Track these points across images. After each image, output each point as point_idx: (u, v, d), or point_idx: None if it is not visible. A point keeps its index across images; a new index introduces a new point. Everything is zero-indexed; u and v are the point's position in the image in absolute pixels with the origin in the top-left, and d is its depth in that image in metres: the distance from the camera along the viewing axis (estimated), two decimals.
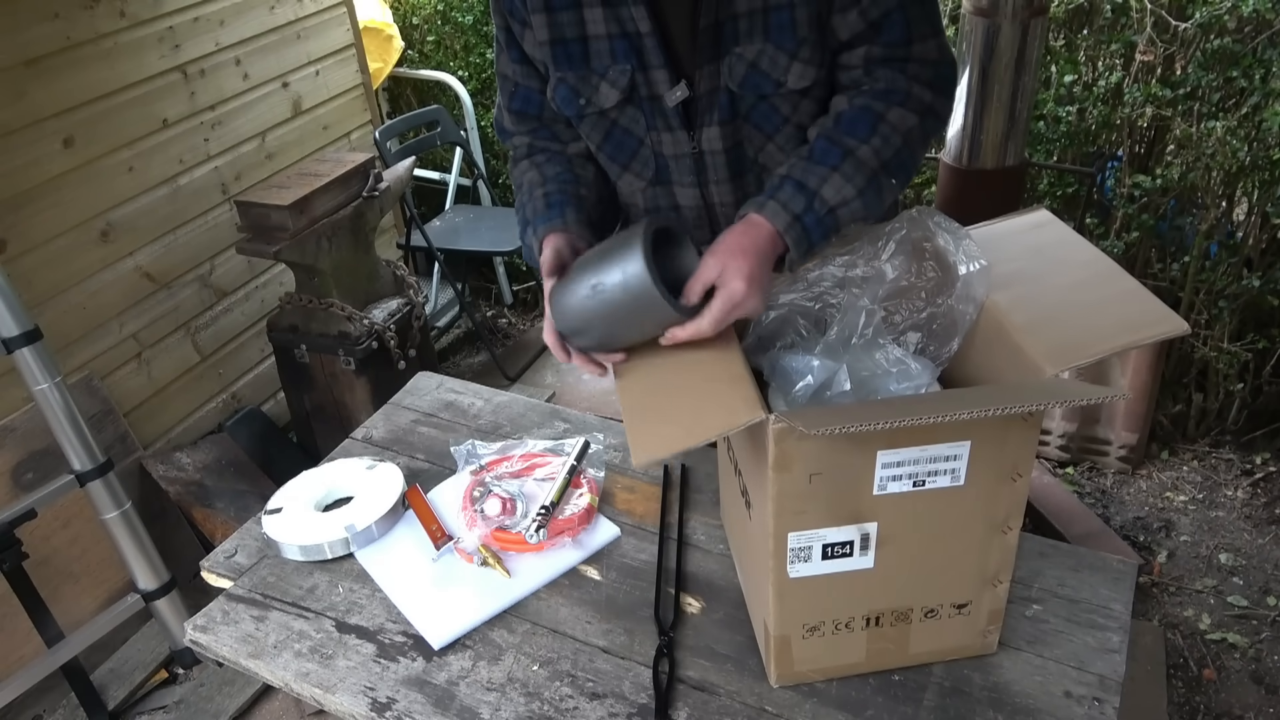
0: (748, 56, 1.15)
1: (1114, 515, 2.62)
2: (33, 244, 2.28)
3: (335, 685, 1.11)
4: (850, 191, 1.09)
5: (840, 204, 1.09)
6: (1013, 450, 0.92)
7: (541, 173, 1.28)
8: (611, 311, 1.03)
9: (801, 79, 1.16)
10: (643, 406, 1.02)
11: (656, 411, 1.00)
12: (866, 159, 1.10)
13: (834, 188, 1.09)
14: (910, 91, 1.13)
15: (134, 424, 2.56)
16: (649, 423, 0.98)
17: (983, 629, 1.05)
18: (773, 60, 1.15)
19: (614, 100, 1.21)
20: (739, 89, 1.17)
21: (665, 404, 1.01)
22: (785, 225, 1.07)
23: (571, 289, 1.06)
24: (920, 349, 1.09)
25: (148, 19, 2.51)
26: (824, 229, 1.09)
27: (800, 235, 1.08)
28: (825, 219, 1.09)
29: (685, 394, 1.01)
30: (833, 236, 1.11)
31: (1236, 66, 2.53)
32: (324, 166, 2.65)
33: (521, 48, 1.25)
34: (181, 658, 2.33)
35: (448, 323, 3.66)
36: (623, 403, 1.03)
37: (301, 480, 1.41)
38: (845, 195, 1.09)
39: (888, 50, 1.14)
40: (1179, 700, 2.13)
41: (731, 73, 1.16)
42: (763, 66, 1.15)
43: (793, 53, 1.14)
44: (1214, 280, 2.65)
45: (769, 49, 1.14)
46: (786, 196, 1.08)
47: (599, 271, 1.03)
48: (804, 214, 1.08)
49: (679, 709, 1.04)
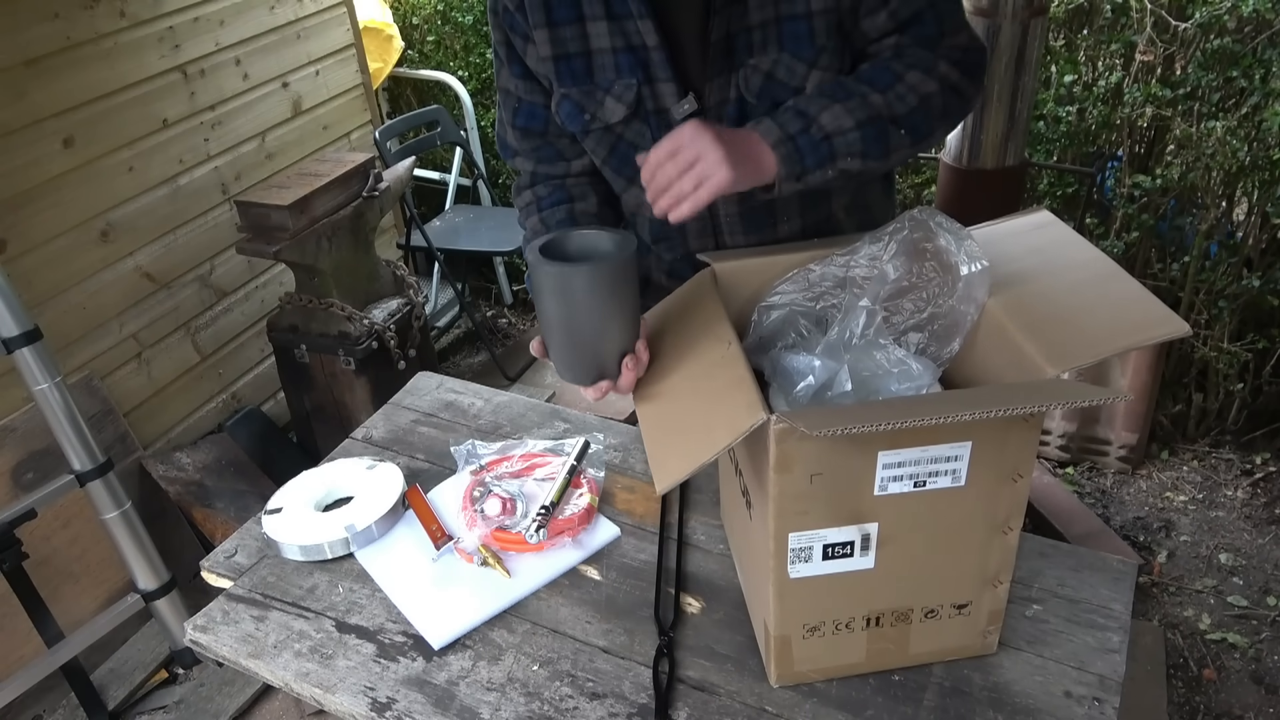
0: (763, 68, 1.14)
1: (1114, 515, 2.62)
2: (33, 244, 2.28)
3: (335, 685, 1.11)
4: (849, 122, 1.07)
5: (836, 132, 1.07)
6: (1013, 451, 0.92)
7: (544, 223, 1.28)
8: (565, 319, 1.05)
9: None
10: (660, 428, 1.02)
11: (671, 431, 1.01)
12: (876, 103, 1.09)
13: (833, 115, 1.07)
14: (936, 66, 1.13)
15: (134, 424, 2.57)
16: (666, 444, 0.99)
17: (983, 629, 1.05)
18: (790, 69, 1.14)
19: (620, 115, 1.20)
20: (756, 100, 1.16)
21: (678, 421, 1.02)
22: (776, 140, 1.05)
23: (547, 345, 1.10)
24: (921, 349, 1.09)
25: (148, 19, 2.51)
26: (818, 155, 1.07)
27: (791, 152, 1.05)
28: (820, 144, 1.06)
29: (694, 405, 1.01)
30: (829, 168, 1.08)
31: (1236, 66, 2.54)
32: (324, 166, 2.65)
33: (523, 62, 1.23)
34: (181, 658, 2.33)
35: (448, 323, 3.66)
36: (643, 428, 1.03)
37: (301, 480, 1.41)
38: (843, 125, 1.07)
39: (918, 42, 1.14)
40: (1179, 700, 2.13)
41: (748, 84, 1.15)
42: (779, 76, 1.15)
43: (811, 61, 1.14)
44: (1214, 280, 2.65)
45: (785, 58, 1.13)
46: (785, 118, 1.07)
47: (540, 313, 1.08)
48: (799, 134, 1.06)
49: (679, 709, 1.04)
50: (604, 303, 1.03)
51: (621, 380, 1.07)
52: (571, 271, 1.01)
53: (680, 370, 1.06)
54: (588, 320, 1.04)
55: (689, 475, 0.90)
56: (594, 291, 1.02)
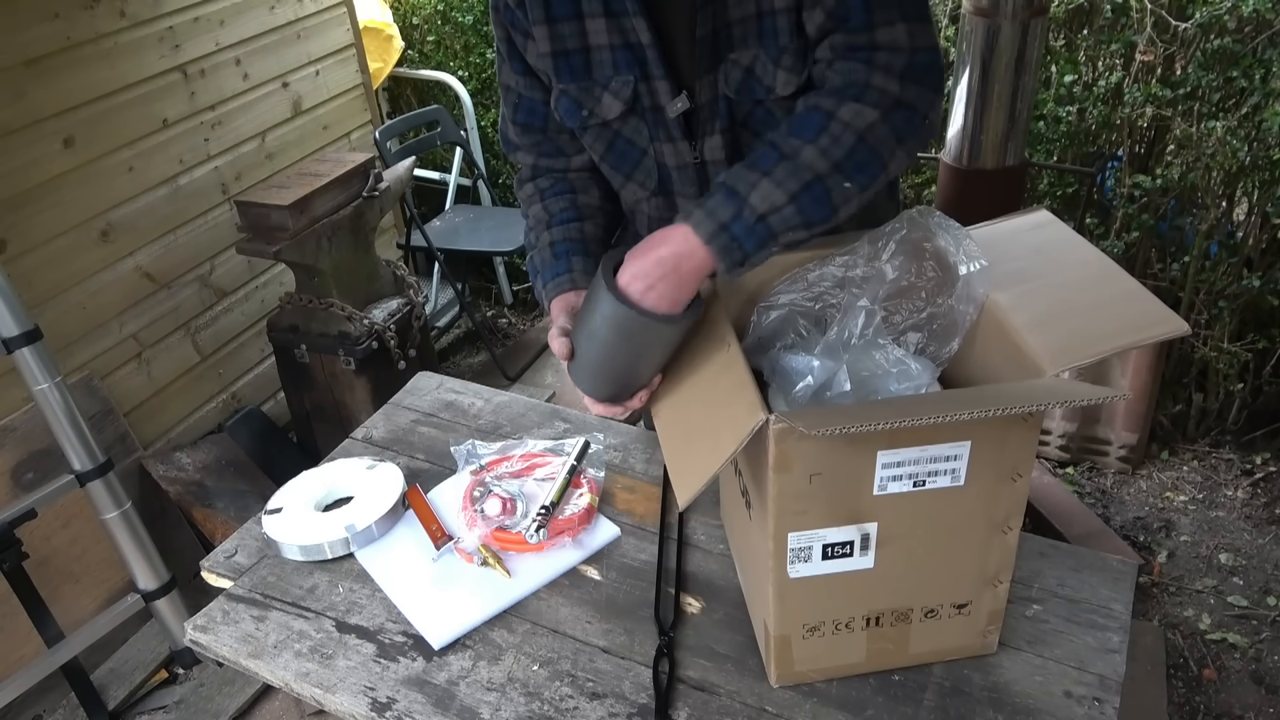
0: (743, 63, 1.15)
1: (1114, 515, 2.62)
2: (33, 244, 2.28)
3: (335, 685, 1.11)
4: (780, 198, 1.01)
5: (769, 211, 1.01)
6: (1013, 450, 0.92)
7: (546, 209, 1.29)
8: (612, 351, 1.05)
9: (787, 86, 1.15)
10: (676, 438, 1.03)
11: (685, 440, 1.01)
12: (810, 161, 1.02)
13: (761, 194, 1.01)
14: (869, 83, 1.04)
15: (134, 424, 2.57)
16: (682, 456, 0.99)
17: (983, 629, 1.05)
18: (764, 66, 1.14)
19: (617, 111, 1.21)
20: (735, 95, 1.17)
21: (688, 429, 1.02)
22: (709, 234, 1.00)
23: (578, 354, 1.09)
24: (920, 349, 1.09)
25: (148, 19, 2.51)
26: (757, 238, 1.01)
27: (727, 244, 1.01)
28: (755, 227, 1.01)
29: (700, 411, 1.02)
30: (772, 247, 1.03)
31: (1236, 66, 2.53)
32: (324, 166, 2.65)
33: (524, 58, 1.24)
34: (181, 658, 2.33)
35: (448, 323, 3.66)
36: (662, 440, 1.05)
37: (301, 480, 1.41)
38: (775, 202, 1.01)
39: (850, 38, 1.06)
40: (1179, 700, 2.13)
41: (728, 79, 1.16)
42: (756, 72, 1.15)
43: (776, 60, 1.13)
44: (1214, 280, 2.65)
45: (761, 55, 1.14)
46: (715, 203, 1.02)
47: (585, 324, 1.06)
48: (731, 222, 1.00)
49: (679, 709, 1.04)
50: (654, 353, 1.06)
51: (629, 404, 1.11)
52: (644, 320, 1.00)
53: (684, 375, 1.07)
54: (633, 361, 1.06)
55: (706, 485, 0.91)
56: (654, 345, 1.05)
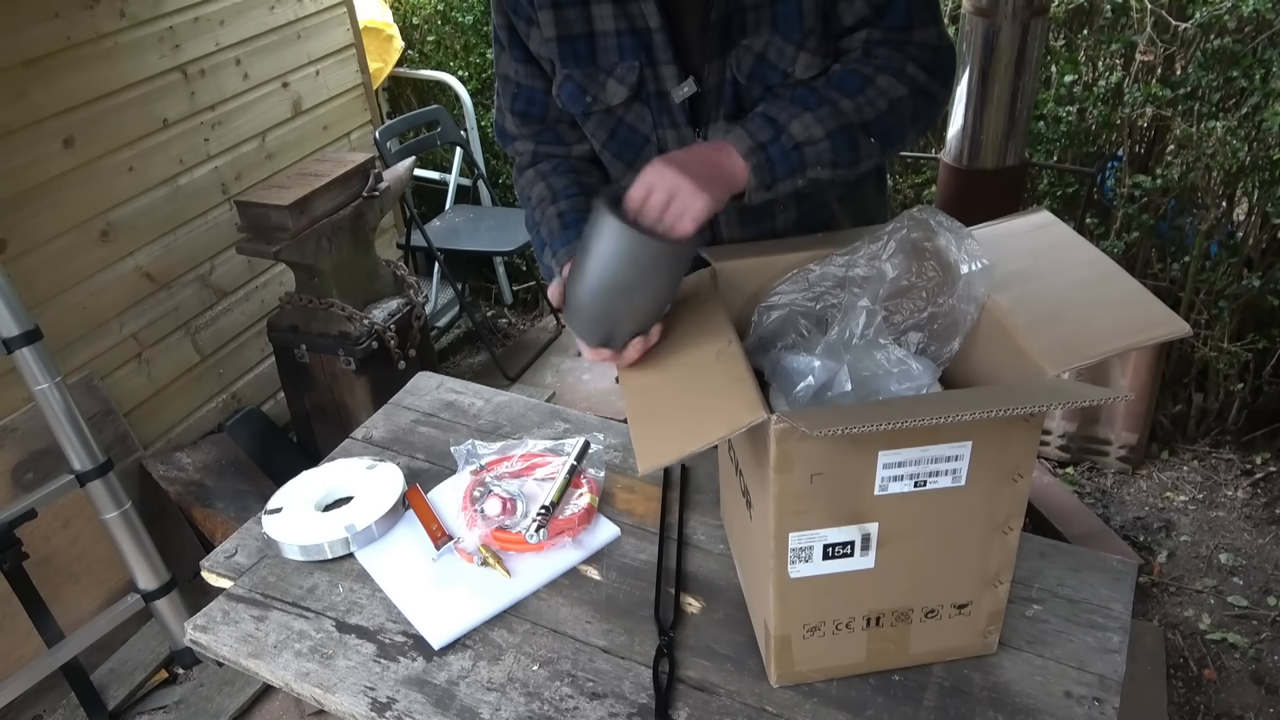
0: (755, 48, 1.15)
1: (1114, 515, 2.62)
2: (33, 244, 2.28)
3: (335, 685, 1.11)
4: (819, 131, 1.08)
5: (806, 141, 1.08)
6: (1014, 451, 0.92)
7: (550, 186, 1.28)
8: (613, 281, 1.01)
9: (809, 69, 1.16)
10: (647, 411, 1.01)
11: (660, 416, 1.00)
12: (846, 110, 1.10)
13: (803, 125, 1.08)
14: (905, 69, 1.13)
15: (134, 424, 2.57)
16: (653, 428, 0.98)
17: (983, 629, 1.05)
18: (780, 51, 1.15)
19: (622, 97, 1.21)
20: (746, 81, 1.18)
21: (668, 408, 1.01)
22: (747, 149, 1.06)
23: (572, 288, 1.05)
24: (921, 349, 1.09)
25: (148, 19, 2.51)
26: (789, 164, 1.08)
27: (762, 162, 1.06)
28: (790, 153, 1.08)
29: (688, 396, 1.00)
30: (799, 177, 1.09)
31: (1236, 66, 2.54)
32: (324, 166, 2.65)
33: (525, 46, 1.24)
34: (181, 658, 2.33)
35: (448, 323, 3.66)
36: (628, 408, 1.02)
37: (301, 480, 1.41)
38: (813, 134, 1.08)
39: (888, 34, 1.15)
40: (1179, 700, 2.13)
41: (739, 65, 1.17)
42: (770, 58, 1.16)
43: (799, 43, 1.15)
44: (1214, 280, 2.65)
45: (776, 40, 1.15)
46: (754, 127, 1.08)
47: (582, 256, 1.02)
48: (769, 144, 1.07)
49: (679, 709, 1.04)
50: (654, 279, 1.02)
51: (625, 354, 1.05)
52: (643, 240, 0.99)
53: (676, 363, 1.05)
54: (631, 288, 1.01)
55: (674, 461, 0.90)
56: (653, 267, 1.01)
